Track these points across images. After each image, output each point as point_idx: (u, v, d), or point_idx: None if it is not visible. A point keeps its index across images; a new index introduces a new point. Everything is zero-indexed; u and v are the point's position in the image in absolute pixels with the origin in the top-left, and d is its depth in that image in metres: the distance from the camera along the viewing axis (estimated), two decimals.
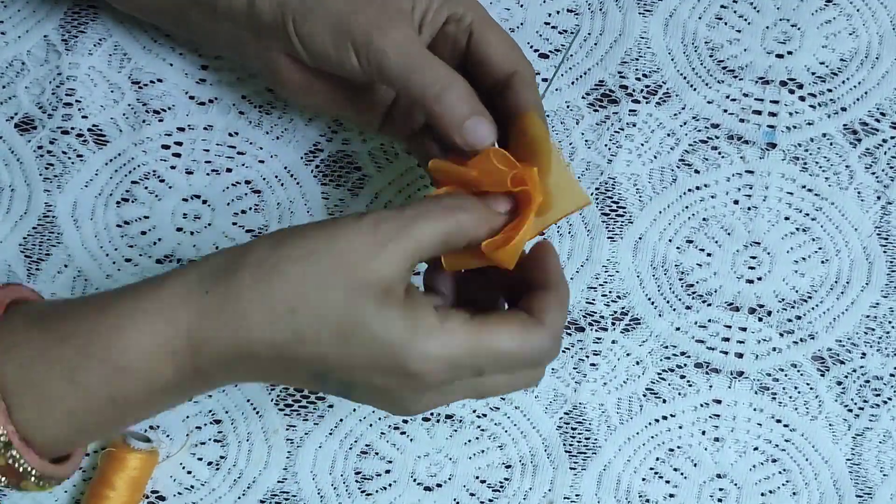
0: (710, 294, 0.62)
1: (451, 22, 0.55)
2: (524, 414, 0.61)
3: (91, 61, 0.64)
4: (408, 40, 0.53)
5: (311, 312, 0.46)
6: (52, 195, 0.63)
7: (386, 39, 0.52)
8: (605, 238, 0.63)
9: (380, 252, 0.46)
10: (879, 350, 0.62)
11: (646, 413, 0.62)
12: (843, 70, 0.64)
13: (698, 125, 0.64)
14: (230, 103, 0.64)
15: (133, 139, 0.64)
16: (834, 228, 0.63)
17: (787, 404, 0.61)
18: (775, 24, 0.64)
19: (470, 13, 0.55)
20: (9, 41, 0.64)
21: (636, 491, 0.61)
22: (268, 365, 0.47)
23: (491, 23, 0.55)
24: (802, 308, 0.62)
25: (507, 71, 0.54)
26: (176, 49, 0.64)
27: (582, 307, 0.62)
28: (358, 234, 0.47)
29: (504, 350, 0.48)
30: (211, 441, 0.61)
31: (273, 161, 0.64)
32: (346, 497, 0.61)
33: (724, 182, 0.63)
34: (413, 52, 0.53)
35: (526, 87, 0.54)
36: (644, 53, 0.64)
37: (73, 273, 0.62)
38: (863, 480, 0.61)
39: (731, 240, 0.63)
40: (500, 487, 0.61)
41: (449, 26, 0.55)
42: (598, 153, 0.63)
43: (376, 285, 0.46)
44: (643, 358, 0.62)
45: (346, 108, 0.58)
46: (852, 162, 0.63)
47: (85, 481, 0.61)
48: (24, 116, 0.64)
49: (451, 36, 0.55)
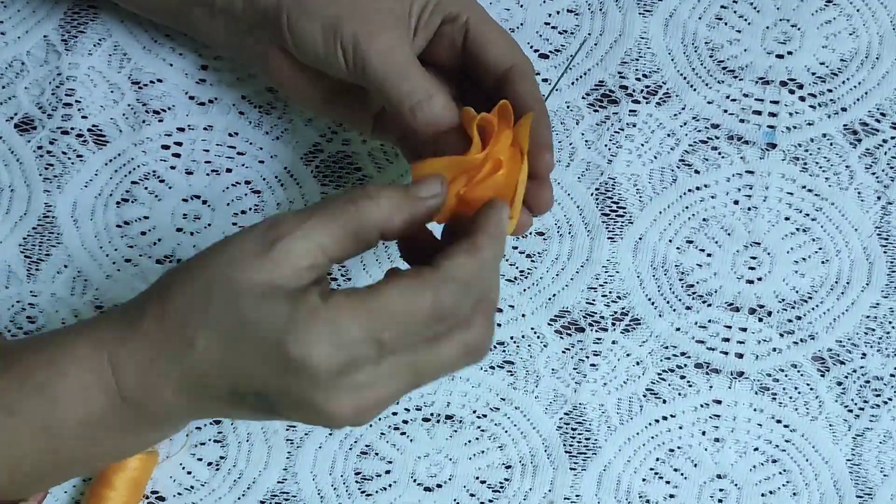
0: (711, 294, 0.62)
1: (446, 23, 0.55)
2: (524, 414, 0.61)
3: (91, 61, 0.64)
4: (394, 47, 0.53)
5: (199, 323, 0.45)
6: (51, 195, 0.63)
7: (372, 44, 0.53)
8: (606, 238, 0.63)
9: (264, 253, 0.45)
10: (880, 350, 0.62)
11: (646, 413, 0.61)
12: (844, 70, 0.64)
13: (698, 125, 0.64)
14: (230, 103, 0.64)
15: (133, 139, 0.63)
16: (834, 229, 0.63)
17: (787, 405, 0.61)
18: (775, 24, 0.64)
19: (465, 12, 0.55)
20: (9, 41, 0.64)
21: (636, 491, 0.61)
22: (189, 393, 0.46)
23: (487, 20, 0.55)
24: (803, 308, 0.62)
25: (504, 66, 0.54)
26: (176, 49, 0.64)
27: (582, 307, 0.62)
28: (247, 239, 0.45)
29: (393, 308, 0.44)
30: (211, 441, 0.61)
31: (273, 161, 0.64)
32: (346, 497, 0.61)
33: (725, 182, 0.63)
34: (396, 59, 0.53)
35: (522, 81, 0.53)
36: (644, 54, 0.64)
37: (73, 273, 0.62)
38: (863, 481, 0.61)
39: (731, 240, 0.63)
40: (500, 488, 0.61)
41: (445, 27, 0.55)
42: (598, 153, 0.63)
43: (260, 285, 0.44)
44: (643, 358, 0.62)
45: (338, 107, 0.58)
46: (852, 162, 0.63)
47: (85, 482, 0.60)
48: (23, 116, 0.64)
49: (448, 37, 0.55)
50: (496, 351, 0.62)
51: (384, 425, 0.61)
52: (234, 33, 0.58)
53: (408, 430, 0.61)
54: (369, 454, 0.61)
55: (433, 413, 0.61)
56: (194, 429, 0.61)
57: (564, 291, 0.62)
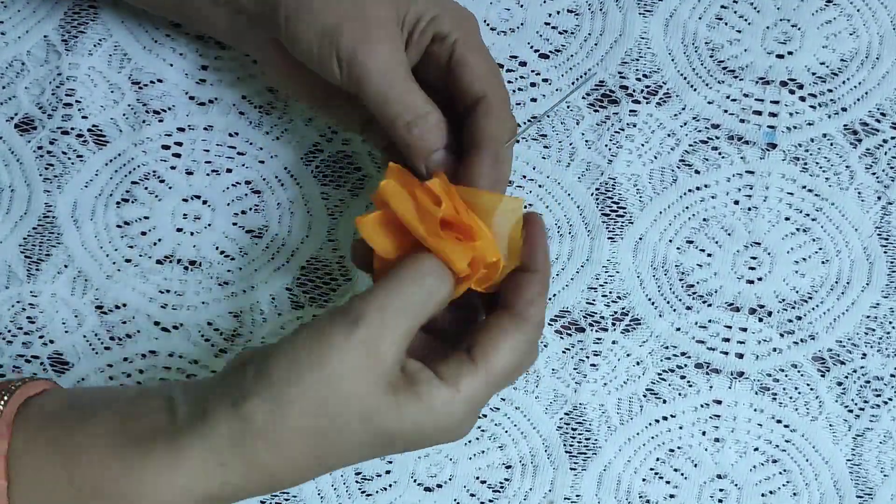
0: (711, 294, 0.62)
1: (436, 41, 0.55)
2: (524, 414, 0.61)
3: (91, 61, 0.64)
4: (391, 61, 0.53)
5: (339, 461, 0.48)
6: (52, 195, 0.63)
7: (370, 57, 0.52)
8: (606, 238, 0.63)
9: (372, 365, 0.47)
10: (880, 350, 0.62)
11: (646, 413, 0.61)
12: (844, 70, 0.64)
13: (698, 125, 0.64)
14: (230, 103, 0.64)
15: (133, 139, 0.64)
16: (834, 229, 0.63)
17: (787, 405, 0.61)
18: (775, 24, 0.64)
19: (455, 32, 0.54)
20: (9, 41, 0.64)
21: (636, 491, 0.61)
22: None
23: (473, 43, 0.55)
24: (803, 308, 0.62)
25: (475, 95, 0.53)
26: (176, 49, 0.64)
27: (582, 307, 0.62)
28: (348, 356, 0.47)
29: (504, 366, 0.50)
30: None
31: (273, 161, 0.64)
32: (346, 497, 0.61)
33: (725, 182, 0.63)
34: (394, 75, 0.53)
35: (485, 116, 0.53)
36: (644, 54, 0.64)
37: (73, 273, 0.62)
38: (863, 481, 0.61)
39: (731, 240, 0.63)
40: (500, 488, 0.61)
41: (434, 45, 0.55)
42: (598, 153, 0.63)
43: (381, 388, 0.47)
44: (643, 358, 0.62)
45: (332, 107, 0.58)
46: (853, 162, 0.63)
47: None
48: (24, 116, 0.64)
49: (436, 55, 0.55)
50: None
51: None
52: (236, 22, 0.58)
53: None
54: None
55: None
56: None
57: (564, 291, 0.62)
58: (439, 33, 0.54)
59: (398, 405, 0.47)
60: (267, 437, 0.46)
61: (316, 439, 0.46)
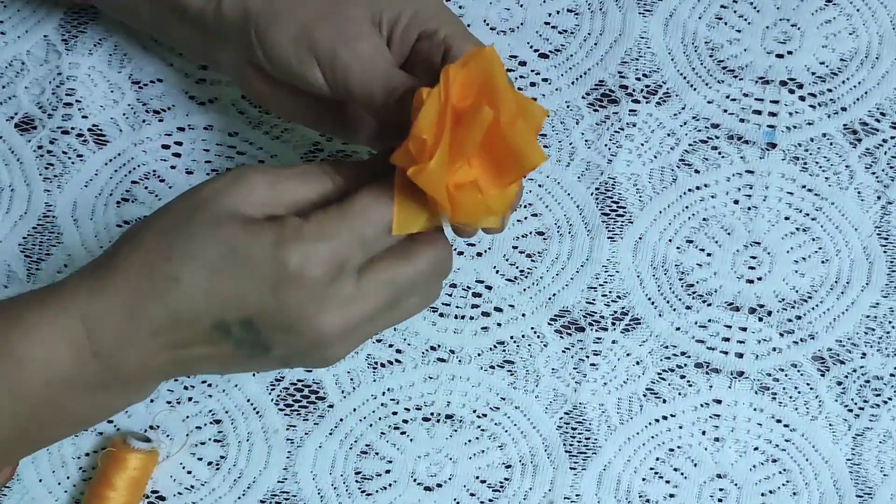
0: (711, 294, 0.62)
1: (423, 39, 0.52)
2: (524, 414, 0.61)
3: (91, 61, 0.64)
4: (375, 55, 0.51)
5: (183, 257, 0.46)
6: (52, 195, 0.63)
7: (352, 53, 0.50)
8: (605, 238, 0.63)
9: (234, 182, 0.47)
10: (879, 350, 0.62)
11: (646, 413, 0.61)
12: (843, 70, 0.64)
13: (698, 125, 0.64)
14: (230, 103, 0.64)
15: (133, 139, 0.64)
16: (834, 228, 0.63)
17: (787, 404, 0.61)
18: (775, 23, 0.64)
19: (444, 28, 0.52)
20: (9, 41, 0.64)
21: (636, 491, 0.61)
22: (169, 336, 0.47)
23: (468, 37, 0.52)
24: (802, 308, 0.62)
25: None
26: (176, 49, 0.64)
27: (582, 307, 0.62)
28: (216, 180, 0.47)
29: (369, 215, 0.47)
30: (211, 441, 0.61)
31: (273, 161, 0.64)
32: (346, 497, 0.61)
33: (724, 182, 0.63)
34: (377, 66, 0.50)
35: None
36: (644, 53, 0.64)
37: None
38: (863, 480, 0.61)
39: (731, 240, 0.63)
40: (500, 487, 0.61)
41: (422, 44, 0.52)
42: (598, 153, 0.63)
43: (240, 214, 0.46)
44: (643, 358, 0.62)
45: (318, 119, 0.56)
46: (852, 162, 0.63)
47: (85, 481, 0.60)
48: (24, 116, 0.64)
49: (425, 54, 0.52)
50: (496, 350, 0.62)
51: (384, 425, 0.61)
52: (208, 46, 0.56)
53: (408, 430, 0.61)
54: (369, 454, 0.61)
55: (433, 413, 0.61)
56: (194, 428, 0.61)
57: (564, 291, 0.62)
58: (425, 31, 0.52)
59: (246, 226, 0.46)
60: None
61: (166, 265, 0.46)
